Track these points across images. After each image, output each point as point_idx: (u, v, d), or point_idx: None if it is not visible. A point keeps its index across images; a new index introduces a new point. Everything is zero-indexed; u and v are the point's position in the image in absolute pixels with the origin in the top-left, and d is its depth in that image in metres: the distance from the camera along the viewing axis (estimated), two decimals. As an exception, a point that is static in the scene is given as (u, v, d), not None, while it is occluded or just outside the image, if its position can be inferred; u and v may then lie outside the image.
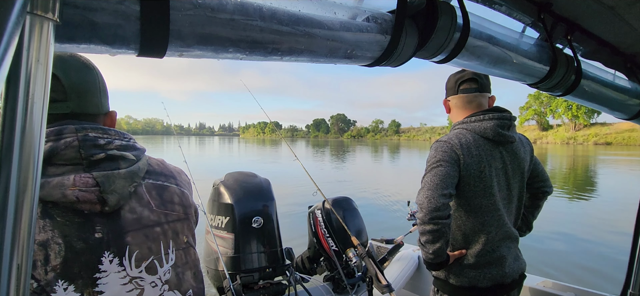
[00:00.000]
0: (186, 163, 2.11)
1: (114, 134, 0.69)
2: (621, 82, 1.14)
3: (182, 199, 0.77)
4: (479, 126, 1.34)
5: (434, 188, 1.23)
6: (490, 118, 1.34)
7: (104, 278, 0.61)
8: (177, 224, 0.74)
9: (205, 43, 0.47)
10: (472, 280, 1.33)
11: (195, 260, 0.77)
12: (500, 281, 1.34)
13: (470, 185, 1.30)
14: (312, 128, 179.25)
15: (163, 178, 0.76)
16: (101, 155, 0.64)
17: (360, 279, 1.92)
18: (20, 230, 0.32)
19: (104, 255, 0.62)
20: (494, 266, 1.33)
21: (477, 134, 1.34)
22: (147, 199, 0.70)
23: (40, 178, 0.34)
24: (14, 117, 0.31)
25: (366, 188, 11.29)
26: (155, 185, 0.73)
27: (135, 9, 0.40)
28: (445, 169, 1.25)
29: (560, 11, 0.90)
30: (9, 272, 0.32)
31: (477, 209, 1.32)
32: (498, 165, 1.34)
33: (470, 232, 1.34)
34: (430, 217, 1.22)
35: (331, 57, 0.58)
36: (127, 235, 0.65)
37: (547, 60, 0.91)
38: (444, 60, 0.75)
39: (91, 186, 0.60)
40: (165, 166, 0.81)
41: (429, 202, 1.22)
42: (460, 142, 1.30)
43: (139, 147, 0.75)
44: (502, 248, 1.35)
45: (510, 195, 1.38)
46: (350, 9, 0.61)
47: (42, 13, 0.32)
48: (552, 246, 5.55)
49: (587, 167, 21.54)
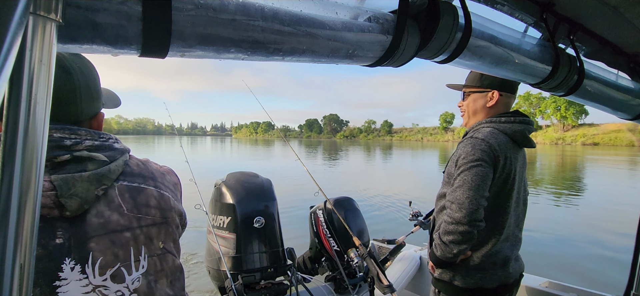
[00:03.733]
0: (188, 163, 2.11)
1: (84, 134, 0.65)
2: (624, 82, 1.14)
3: (160, 202, 0.72)
4: (510, 128, 1.33)
5: (476, 189, 1.20)
6: (520, 121, 1.35)
7: (64, 286, 0.58)
8: (152, 229, 0.69)
9: (207, 43, 0.47)
10: (479, 281, 1.32)
11: (173, 267, 0.72)
12: (505, 282, 1.34)
13: (497, 186, 1.29)
14: (304, 128, 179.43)
15: (140, 179, 0.71)
16: (66, 157, 0.61)
17: (361, 279, 1.92)
18: (23, 229, 0.32)
19: (64, 261, 0.58)
20: (500, 267, 1.33)
21: (508, 136, 1.33)
22: (118, 202, 0.66)
23: (43, 178, 0.34)
24: (17, 117, 0.31)
25: (364, 188, 11.28)
26: (130, 188, 0.68)
27: (137, 10, 0.40)
28: (485, 170, 1.22)
29: (563, 11, 0.90)
30: (11, 272, 0.32)
31: (496, 210, 1.31)
32: (518, 168, 1.35)
33: (484, 233, 1.32)
34: (469, 219, 1.19)
35: (333, 57, 0.58)
36: (91, 241, 0.61)
37: (550, 60, 0.91)
38: (445, 61, 0.75)
39: (47, 190, 0.57)
40: (147, 167, 0.75)
41: (471, 203, 1.19)
42: (497, 142, 1.27)
43: (118, 147, 0.71)
44: (508, 249, 1.35)
45: (520, 197, 1.39)
46: (352, 9, 0.61)
47: (44, 14, 0.32)
48: (550, 246, 5.54)
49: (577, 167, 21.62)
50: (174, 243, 0.75)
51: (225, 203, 1.60)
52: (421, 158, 30.22)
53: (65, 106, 0.66)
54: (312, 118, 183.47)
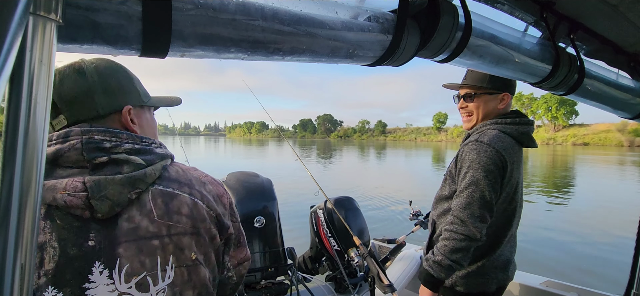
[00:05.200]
0: (188, 163, 2.10)
1: (125, 138, 0.65)
2: (624, 81, 1.13)
3: (192, 211, 0.68)
4: (516, 130, 1.29)
5: (485, 207, 1.18)
6: (526, 123, 1.32)
7: (93, 290, 0.58)
8: (183, 238, 0.66)
9: (207, 43, 0.47)
10: (481, 285, 1.31)
11: (203, 279, 0.69)
12: (503, 284, 1.34)
13: (505, 193, 1.26)
14: (299, 128, 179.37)
15: (176, 185, 0.68)
16: (103, 159, 0.61)
17: (362, 279, 1.91)
18: (24, 229, 0.32)
19: (95, 264, 0.58)
20: (500, 270, 1.32)
21: (513, 138, 1.29)
22: (149, 207, 0.64)
23: (43, 178, 0.34)
24: (17, 117, 0.31)
25: (358, 186, 11.27)
26: (163, 192, 0.66)
27: (137, 10, 0.40)
28: (492, 182, 1.19)
29: (563, 10, 0.89)
30: (12, 272, 0.32)
31: (504, 215, 1.29)
32: (521, 170, 1.34)
33: (491, 239, 1.30)
34: (480, 237, 1.18)
35: (333, 57, 0.58)
36: (120, 246, 0.60)
37: (550, 59, 0.91)
38: (445, 60, 0.75)
39: (79, 191, 0.58)
40: (186, 173, 0.72)
41: (482, 222, 1.18)
42: (504, 147, 1.23)
43: (159, 151, 0.69)
44: (509, 251, 1.35)
45: (521, 198, 1.38)
46: (352, 8, 0.61)
47: (45, 14, 0.32)
48: (545, 245, 5.54)
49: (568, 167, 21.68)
50: (205, 255, 0.70)
51: (225, 203, 1.60)
52: (415, 158, 30.29)
53: (80, 104, 0.66)
54: (306, 118, 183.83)
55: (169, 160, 0.71)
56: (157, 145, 0.71)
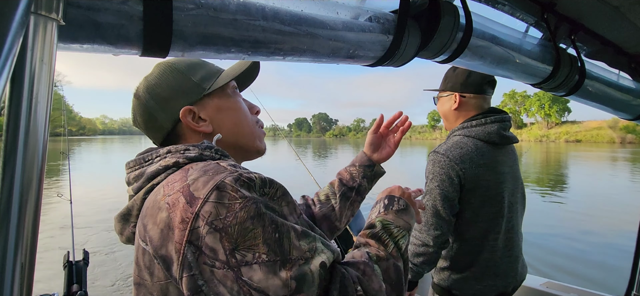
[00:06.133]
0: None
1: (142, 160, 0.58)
2: (625, 82, 1.13)
3: (137, 257, 0.51)
4: (482, 130, 1.27)
5: (437, 215, 1.21)
6: (493, 120, 1.28)
7: None
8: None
9: (207, 43, 0.47)
10: (478, 292, 1.29)
11: None
12: (503, 291, 1.30)
13: (477, 195, 1.24)
14: (294, 127, 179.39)
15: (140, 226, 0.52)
16: (130, 192, 0.58)
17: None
18: (25, 229, 0.32)
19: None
20: (499, 277, 1.29)
21: (481, 140, 1.27)
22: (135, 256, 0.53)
23: (44, 177, 0.34)
24: (18, 116, 0.32)
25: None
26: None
27: (138, 10, 0.40)
28: (444, 190, 1.21)
29: (564, 11, 0.89)
30: (12, 271, 0.32)
31: (484, 218, 1.27)
32: (505, 169, 1.29)
33: (475, 242, 1.29)
34: (434, 242, 1.22)
35: (334, 57, 0.58)
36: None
37: (551, 60, 0.91)
38: (446, 60, 0.75)
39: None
40: (154, 202, 0.50)
41: (435, 228, 1.22)
42: (461, 156, 1.22)
43: (151, 170, 0.54)
44: (507, 257, 1.31)
45: (516, 198, 1.34)
46: (353, 9, 0.61)
47: (46, 13, 0.32)
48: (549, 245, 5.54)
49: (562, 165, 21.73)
50: None
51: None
52: (410, 156, 30.32)
53: (150, 129, 0.63)
54: (302, 117, 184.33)
55: (159, 178, 0.53)
56: (161, 156, 0.56)
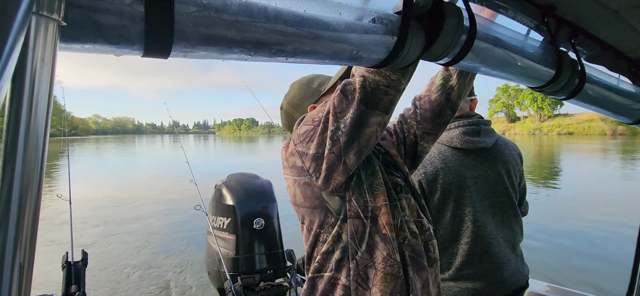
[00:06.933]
0: (188, 164, 2.11)
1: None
2: (625, 86, 1.13)
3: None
4: (445, 136, 1.27)
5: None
6: (456, 126, 1.27)
7: None
8: None
9: (209, 43, 0.47)
10: (457, 294, 1.27)
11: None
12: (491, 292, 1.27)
13: (439, 199, 1.24)
14: None
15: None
16: None
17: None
18: (24, 229, 0.32)
19: None
20: (480, 282, 1.27)
21: (444, 145, 1.27)
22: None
23: (44, 177, 0.34)
24: (19, 117, 0.31)
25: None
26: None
27: (139, 10, 0.40)
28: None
29: (564, 15, 0.89)
30: (11, 271, 0.32)
31: (449, 222, 1.26)
32: (472, 173, 1.27)
33: (446, 245, 1.28)
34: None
35: (336, 59, 0.58)
36: None
37: (552, 63, 0.91)
38: (449, 63, 0.74)
39: None
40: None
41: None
42: (423, 164, 1.22)
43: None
44: (488, 264, 1.28)
45: (491, 203, 1.31)
46: (356, 9, 0.61)
47: (47, 14, 0.32)
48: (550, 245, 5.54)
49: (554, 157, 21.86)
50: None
51: (225, 205, 1.60)
52: None
53: (291, 126, 0.88)
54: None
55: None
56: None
